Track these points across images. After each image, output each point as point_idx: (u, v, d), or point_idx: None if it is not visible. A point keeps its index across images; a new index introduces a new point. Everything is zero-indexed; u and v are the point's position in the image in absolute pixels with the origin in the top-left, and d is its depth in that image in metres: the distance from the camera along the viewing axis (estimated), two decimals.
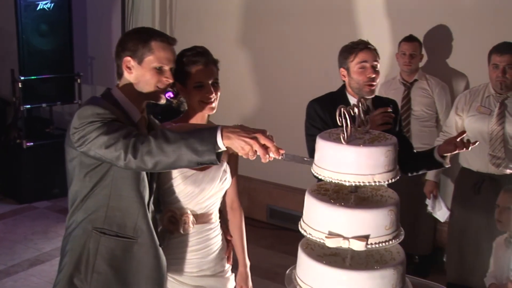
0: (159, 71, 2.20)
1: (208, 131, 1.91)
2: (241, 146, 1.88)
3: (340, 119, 1.81)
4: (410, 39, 4.36)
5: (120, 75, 2.25)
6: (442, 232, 4.35)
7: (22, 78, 5.79)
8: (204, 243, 2.55)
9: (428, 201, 4.05)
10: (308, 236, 1.89)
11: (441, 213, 4.02)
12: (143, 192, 2.23)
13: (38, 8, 5.83)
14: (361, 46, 2.91)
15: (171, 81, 2.23)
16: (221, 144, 1.89)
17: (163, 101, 2.26)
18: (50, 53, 5.95)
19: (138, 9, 6.09)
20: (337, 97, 2.98)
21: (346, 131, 1.81)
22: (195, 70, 2.44)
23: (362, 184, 1.83)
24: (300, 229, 1.94)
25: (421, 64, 4.49)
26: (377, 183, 1.84)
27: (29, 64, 5.84)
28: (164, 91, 2.24)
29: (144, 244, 2.26)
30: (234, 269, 2.74)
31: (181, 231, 2.49)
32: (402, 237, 1.89)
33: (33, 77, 5.86)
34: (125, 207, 2.21)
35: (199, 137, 1.91)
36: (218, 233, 2.62)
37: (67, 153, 2.18)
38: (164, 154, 1.94)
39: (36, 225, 5.35)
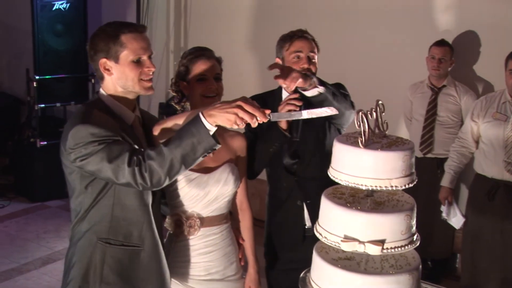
0: (138, 63, 2.12)
1: (192, 123, 1.95)
2: (226, 118, 1.91)
3: (358, 123, 1.80)
4: (440, 43, 4.32)
5: (101, 78, 2.17)
6: (459, 238, 4.31)
7: (37, 77, 5.82)
8: (211, 247, 2.51)
9: (443, 208, 4.02)
10: (324, 239, 1.89)
11: (456, 219, 3.99)
12: (147, 199, 2.19)
13: (54, 8, 5.86)
14: (298, 34, 2.78)
15: (153, 69, 2.15)
16: (209, 126, 1.93)
17: (151, 92, 2.18)
18: (65, 53, 5.98)
19: (153, 10, 6.11)
20: (274, 94, 2.87)
21: (364, 135, 1.80)
22: (197, 64, 2.52)
23: (379, 188, 1.83)
24: (315, 233, 1.94)
25: (450, 70, 4.42)
26: (394, 188, 1.83)
27: (44, 63, 5.86)
28: (150, 81, 2.16)
29: (150, 251, 2.22)
30: (244, 270, 2.72)
31: (187, 235, 2.47)
32: (418, 243, 1.88)
33: (47, 77, 5.89)
34: (130, 216, 2.16)
35: (189, 134, 1.93)
36: (227, 236, 2.57)
37: (65, 166, 2.13)
38: (169, 167, 1.95)
39: (48, 224, 5.38)
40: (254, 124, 1.92)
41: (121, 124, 2.11)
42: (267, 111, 1.92)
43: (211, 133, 1.93)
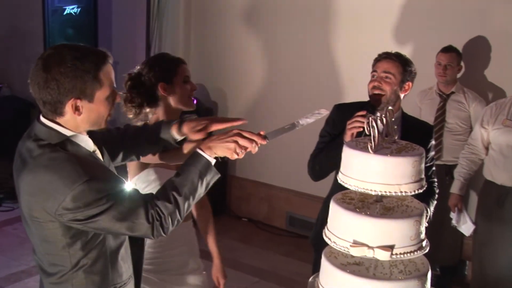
0: (111, 97, 1.88)
1: (194, 161, 1.89)
2: (226, 148, 1.90)
3: (368, 128, 1.81)
4: (446, 49, 4.31)
5: (58, 113, 1.83)
6: (468, 245, 4.30)
7: None
8: (190, 240, 2.66)
9: (453, 215, 4.00)
10: (333, 244, 1.89)
11: (466, 227, 3.97)
12: None
13: (65, 12, 5.93)
14: (379, 58, 2.88)
15: (119, 100, 1.96)
16: (211, 159, 1.91)
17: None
18: None
19: (163, 15, 6.13)
20: (360, 107, 2.91)
21: (374, 140, 1.81)
22: (182, 67, 2.56)
23: (388, 193, 1.83)
24: (324, 237, 1.94)
25: (459, 76, 4.41)
26: (404, 193, 1.84)
27: None
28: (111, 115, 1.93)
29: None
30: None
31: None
32: (427, 249, 1.88)
33: None
34: (123, 255, 2.02)
35: (195, 172, 1.88)
36: (191, 231, 2.72)
37: (31, 218, 1.84)
38: (187, 209, 1.90)
39: None
40: (255, 150, 1.92)
41: (95, 158, 1.93)
42: (262, 133, 1.94)
43: (213, 164, 1.92)
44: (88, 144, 1.93)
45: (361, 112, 2.64)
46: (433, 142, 3.02)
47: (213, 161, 1.92)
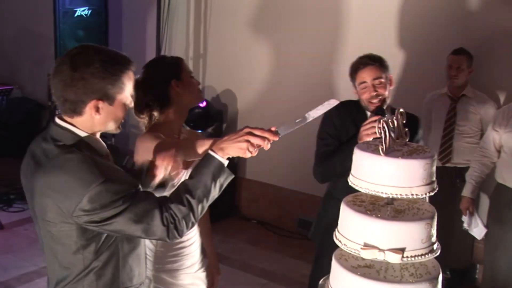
0: (129, 102, 1.93)
1: (206, 163, 1.88)
2: (238, 147, 1.87)
3: (380, 131, 1.81)
4: (457, 52, 4.29)
5: (76, 113, 1.85)
6: (479, 248, 4.28)
7: None
8: (192, 239, 2.64)
9: (464, 218, 3.98)
10: (343, 247, 1.89)
11: (478, 230, 3.95)
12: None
13: (76, 14, 5.94)
14: (361, 66, 2.92)
15: (131, 105, 1.97)
16: (223, 160, 1.89)
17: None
18: None
19: (173, 17, 6.16)
20: (354, 107, 3.02)
21: (385, 142, 1.80)
22: (183, 62, 2.60)
23: (399, 196, 1.82)
24: (335, 240, 1.94)
25: (470, 78, 4.38)
26: (415, 196, 1.83)
27: None
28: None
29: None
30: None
31: None
32: (438, 252, 1.87)
33: None
34: (136, 256, 2.02)
35: (208, 174, 1.87)
36: (197, 229, 2.70)
37: (44, 221, 1.85)
38: (201, 212, 1.88)
39: None
40: (267, 147, 1.89)
41: (109, 161, 1.93)
42: (274, 128, 1.91)
43: (226, 165, 1.90)
44: (102, 147, 1.94)
45: (375, 117, 2.68)
46: (421, 132, 3.07)
47: (225, 163, 1.90)
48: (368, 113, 2.95)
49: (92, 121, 1.87)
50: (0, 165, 6.40)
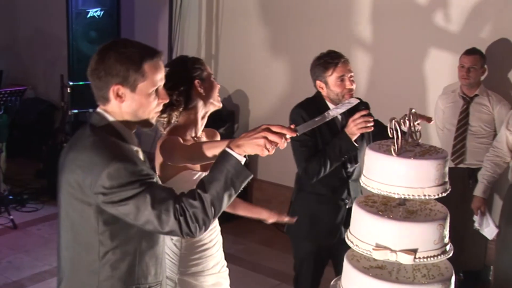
0: (155, 94, 1.95)
1: (223, 160, 1.86)
2: (256, 144, 1.84)
3: (392, 131, 1.80)
4: (470, 52, 4.25)
5: (104, 99, 1.94)
6: (492, 249, 4.24)
7: (70, 83, 5.93)
8: (214, 240, 2.61)
9: (476, 218, 3.95)
10: (355, 247, 1.88)
11: (489, 230, 3.92)
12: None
13: (89, 15, 5.97)
14: (337, 61, 3.07)
15: (166, 101, 2.01)
16: (240, 157, 1.86)
17: (152, 126, 2.03)
18: None
19: (185, 18, 6.17)
20: (318, 103, 3.15)
21: (397, 143, 1.80)
22: (205, 64, 2.57)
23: (411, 197, 1.82)
24: (347, 240, 1.93)
25: (482, 78, 4.35)
26: (427, 197, 1.82)
27: (78, 70, 5.96)
28: (158, 113, 2.01)
29: (164, 279, 2.16)
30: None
31: None
32: (451, 253, 1.87)
33: (81, 83, 5.98)
34: (155, 253, 2.04)
35: (224, 171, 1.85)
36: (219, 229, 2.68)
37: (70, 196, 1.90)
38: (213, 211, 1.86)
39: None
40: (283, 145, 1.86)
41: (135, 154, 1.97)
42: (293, 126, 1.89)
43: (243, 162, 1.88)
44: (131, 138, 1.98)
45: (363, 112, 2.92)
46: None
47: (242, 160, 1.87)
48: (332, 106, 3.08)
49: (119, 109, 1.93)
50: (13, 165, 6.44)
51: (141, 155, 2.00)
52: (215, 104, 2.57)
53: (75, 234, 1.94)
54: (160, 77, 1.95)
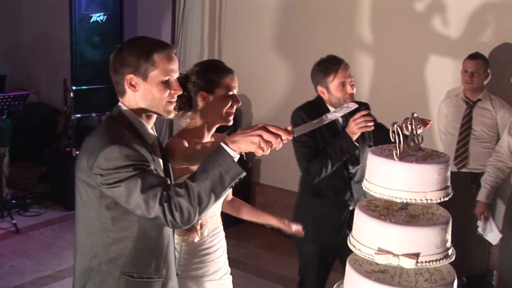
0: (166, 84, 2.03)
1: (216, 154, 1.88)
2: (251, 141, 1.85)
3: (394, 135, 1.80)
4: (473, 56, 4.25)
5: (122, 92, 2.07)
6: (496, 254, 4.23)
7: (73, 88, 5.94)
8: (217, 245, 2.60)
9: (479, 223, 3.94)
10: (357, 251, 1.88)
11: (493, 235, 3.91)
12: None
13: (92, 20, 5.98)
14: (337, 67, 3.12)
15: (179, 92, 2.08)
16: (233, 153, 1.87)
17: (172, 115, 2.11)
18: (101, 64, 6.08)
19: (188, 22, 6.18)
20: (319, 106, 3.19)
21: (399, 147, 1.80)
22: (227, 79, 2.49)
23: (413, 201, 1.81)
24: (349, 244, 1.93)
25: (486, 83, 4.34)
26: (429, 201, 1.82)
27: (81, 74, 5.98)
28: (173, 104, 2.08)
29: (170, 278, 2.19)
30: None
31: (198, 237, 2.51)
32: (453, 257, 1.86)
33: (84, 87, 6.00)
34: (154, 246, 2.09)
35: (215, 165, 1.86)
36: (223, 234, 2.67)
37: (81, 180, 2.02)
38: (199, 202, 1.87)
39: None
40: (279, 146, 1.85)
41: (144, 144, 2.03)
42: (289, 128, 1.89)
43: (236, 159, 1.88)
44: (143, 127, 2.06)
45: (364, 112, 2.96)
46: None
47: (236, 156, 1.87)
48: (332, 109, 3.09)
49: (134, 98, 2.04)
50: (16, 169, 6.45)
51: (151, 142, 2.08)
52: (219, 121, 2.53)
53: (83, 217, 2.06)
54: (171, 68, 2.04)
